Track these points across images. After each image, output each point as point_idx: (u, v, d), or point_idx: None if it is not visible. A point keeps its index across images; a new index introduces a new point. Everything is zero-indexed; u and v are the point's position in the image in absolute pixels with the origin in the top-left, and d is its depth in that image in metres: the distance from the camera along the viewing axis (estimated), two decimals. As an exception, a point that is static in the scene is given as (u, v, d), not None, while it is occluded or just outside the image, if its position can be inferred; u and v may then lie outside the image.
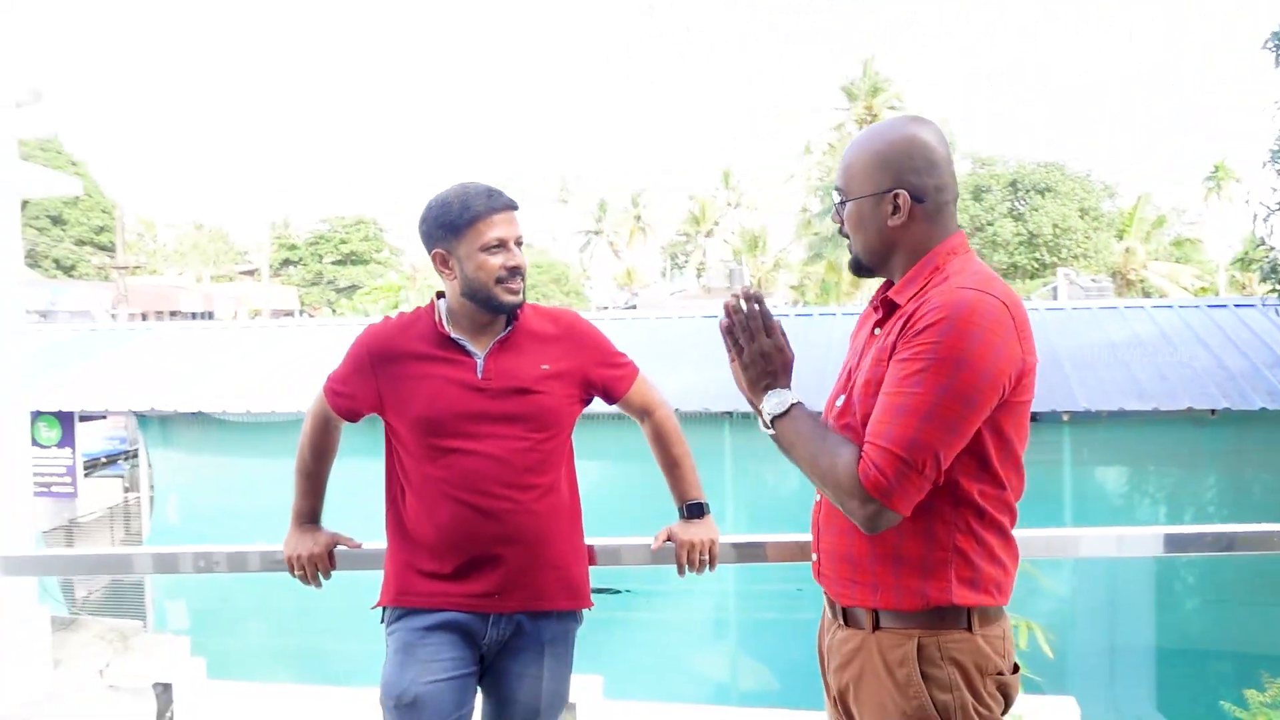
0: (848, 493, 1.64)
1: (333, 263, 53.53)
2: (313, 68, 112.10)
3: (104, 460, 17.16)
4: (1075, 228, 31.13)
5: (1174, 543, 2.98)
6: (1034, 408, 1.74)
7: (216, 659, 9.61)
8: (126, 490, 15.31)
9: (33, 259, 42.94)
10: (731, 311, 1.79)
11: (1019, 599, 6.91)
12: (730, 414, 9.35)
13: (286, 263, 55.27)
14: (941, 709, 1.67)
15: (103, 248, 45.49)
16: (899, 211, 1.76)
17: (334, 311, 42.63)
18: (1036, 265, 31.52)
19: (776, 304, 41.60)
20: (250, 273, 55.88)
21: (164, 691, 8.48)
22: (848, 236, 1.84)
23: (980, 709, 1.68)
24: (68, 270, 46.24)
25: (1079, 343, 9.85)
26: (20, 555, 3.29)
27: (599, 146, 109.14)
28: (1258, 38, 8.69)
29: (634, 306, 44.31)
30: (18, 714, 5.32)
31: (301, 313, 47.25)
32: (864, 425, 1.68)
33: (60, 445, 11.81)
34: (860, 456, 1.64)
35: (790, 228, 53.30)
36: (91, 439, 16.06)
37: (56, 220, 45.77)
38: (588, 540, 2.36)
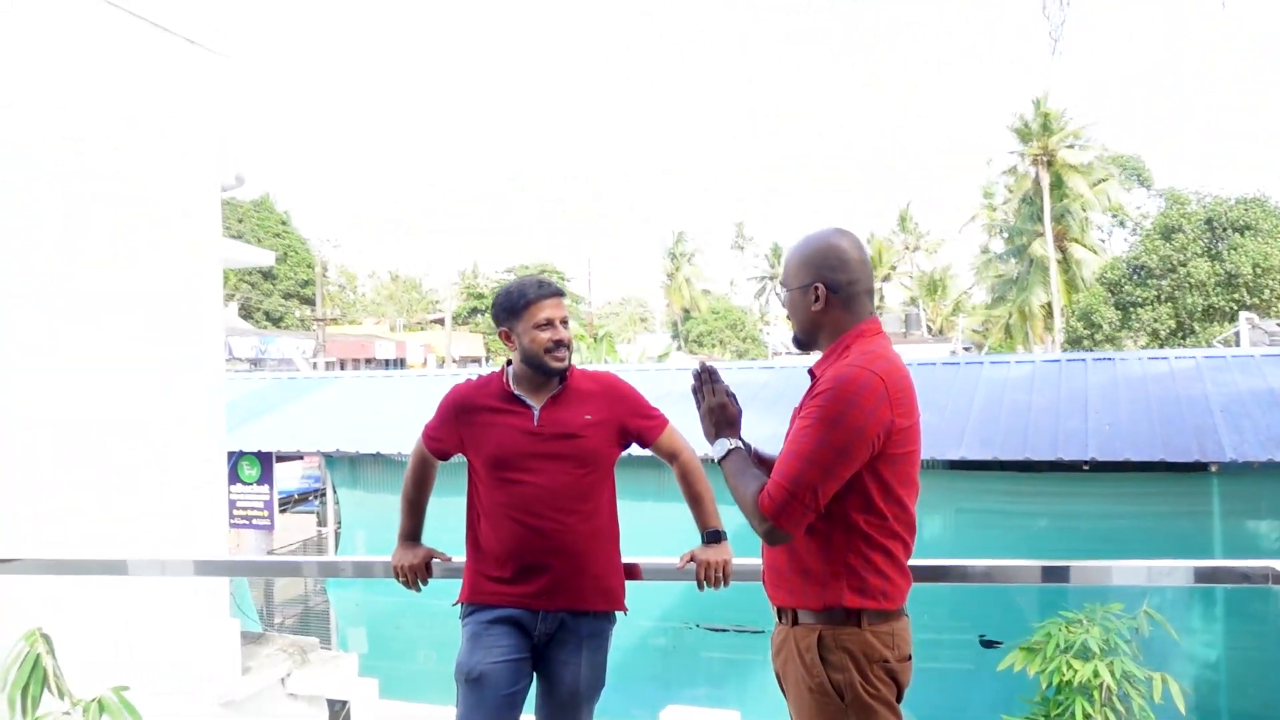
0: (751, 514, 2.15)
1: (516, 310, 55.43)
2: (500, 120, 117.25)
3: (297, 497, 18.70)
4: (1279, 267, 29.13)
5: (1203, 574, 3.26)
6: (1180, 458, 2.14)
7: (388, 680, 10.45)
8: (319, 525, 16.58)
9: (246, 311, 46.61)
10: (696, 377, 2.29)
11: (1158, 653, 6.89)
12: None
13: (474, 311, 57.77)
14: (835, 685, 2.13)
15: (307, 300, 48.95)
16: (819, 300, 2.24)
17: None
18: (1235, 306, 29.64)
19: (955, 348, 40.88)
20: (440, 321, 58.64)
21: (341, 707, 9.36)
22: (791, 320, 2.31)
23: (868, 687, 2.13)
24: (276, 321, 49.86)
25: (1233, 391, 9.61)
26: (211, 559, 4.05)
27: (769, 191, 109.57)
28: None
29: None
30: (213, 711, 6.20)
31: (487, 360, 49.35)
32: None
33: (259, 482, 13.08)
34: (763, 487, 2.12)
35: (967, 270, 52.33)
36: (288, 478, 17.55)
37: (267, 275, 49.43)
38: (626, 558, 2.87)
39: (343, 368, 34.23)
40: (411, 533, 3.00)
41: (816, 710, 2.15)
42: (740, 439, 2.32)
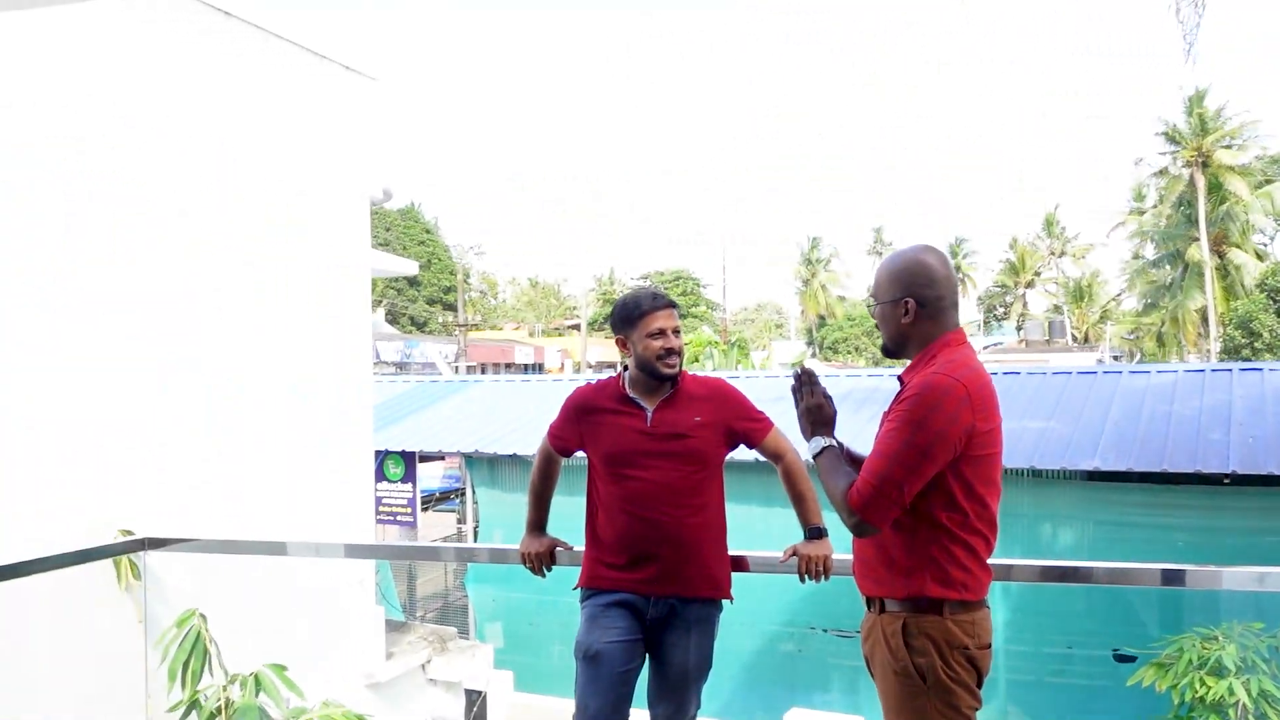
0: (841, 508, 2.33)
1: (651, 316, 55.75)
2: (633, 126, 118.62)
3: (439, 496, 19.43)
4: None
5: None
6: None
7: (522, 673, 10.84)
8: (459, 523, 17.21)
9: (392, 316, 48.44)
10: (796, 379, 2.49)
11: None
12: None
13: (609, 316, 58.41)
14: (919, 669, 2.30)
15: (449, 306, 50.55)
16: (908, 313, 2.41)
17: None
18: None
19: (1103, 356, 39.49)
20: (577, 326, 59.70)
21: (479, 696, 9.79)
22: (881, 330, 2.47)
23: (948, 671, 2.28)
24: (420, 327, 51.64)
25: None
26: (358, 543, 4.43)
27: (909, 194, 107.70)
28: None
29: (947, 360, 43.29)
30: (358, 692, 6.64)
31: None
32: None
33: (404, 480, 13.72)
34: (852, 484, 2.29)
35: (1116, 276, 50.38)
36: (430, 477, 18.27)
37: (412, 282, 51.25)
38: (733, 551, 3.07)
39: (483, 372, 35.28)
40: (537, 523, 3.28)
41: (901, 692, 2.32)
42: (834, 438, 2.49)
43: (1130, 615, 8.95)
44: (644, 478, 2.97)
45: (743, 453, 3.11)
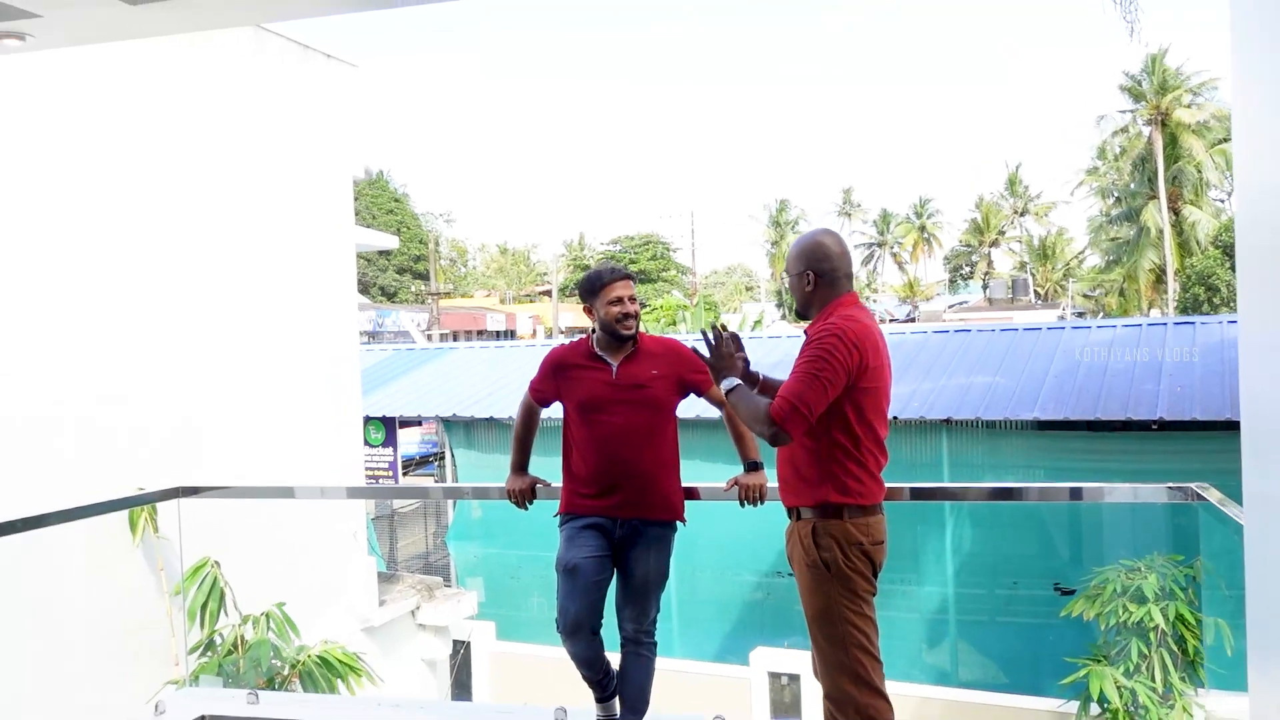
0: (762, 421, 2.84)
1: (621, 282, 55.84)
2: (607, 90, 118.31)
3: (418, 460, 19.99)
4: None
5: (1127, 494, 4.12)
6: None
7: (504, 624, 11.44)
8: (437, 484, 17.79)
9: (363, 286, 48.56)
10: (712, 332, 3.07)
11: (1217, 600, 7.27)
12: (948, 420, 10.17)
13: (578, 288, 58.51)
14: (824, 562, 2.89)
15: (419, 275, 50.77)
16: (810, 283, 2.99)
17: (621, 328, 44.64)
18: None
19: (1065, 313, 40.40)
20: (548, 292, 59.92)
21: (463, 646, 10.38)
22: (792, 296, 3.03)
23: (848, 563, 2.87)
24: (390, 296, 51.75)
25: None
26: (359, 485, 4.98)
27: (878, 153, 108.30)
28: None
29: (913, 319, 44.24)
30: (355, 636, 7.21)
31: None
32: None
33: (384, 445, 14.25)
34: (771, 401, 2.85)
35: (1082, 235, 51.24)
36: (408, 442, 18.80)
37: (383, 251, 51.33)
38: (687, 483, 3.64)
39: (455, 340, 35.66)
40: (520, 464, 3.84)
41: (812, 580, 2.91)
42: (741, 381, 3.06)
43: (1072, 552, 9.65)
44: (611, 421, 3.52)
45: (702, 411, 3.68)
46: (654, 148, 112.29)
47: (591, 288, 3.62)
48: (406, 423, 15.95)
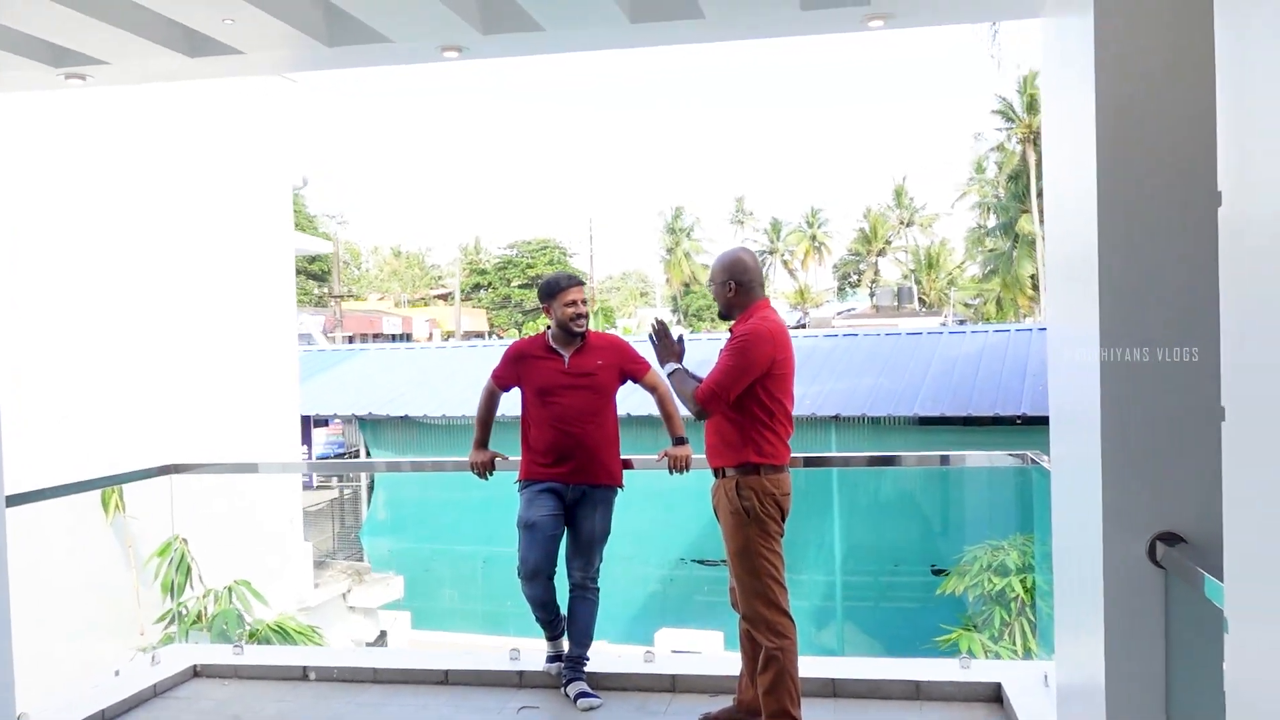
0: (690, 400, 3.67)
1: (519, 286, 56.10)
2: (504, 102, 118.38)
3: (332, 458, 20.24)
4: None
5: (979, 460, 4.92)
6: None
7: (419, 614, 11.95)
8: (340, 482, 18.15)
9: (258, 288, 47.76)
10: (654, 328, 3.75)
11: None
12: (836, 416, 11.08)
13: (477, 286, 58.48)
14: (745, 510, 3.64)
15: (314, 277, 50.16)
16: (732, 290, 3.72)
17: (520, 332, 45.15)
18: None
19: (946, 320, 42.29)
20: (444, 296, 59.68)
21: (380, 636, 10.88)
22: (717, 301, 3.77)
23: (763, 509, 3.63)
24: (288, 297, 50.83)
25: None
26: (322, 461, 5.52)
27: (770, 165, 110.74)
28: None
29: (804, 325, 45.64)
30: (294, 613, 7.71)
31: (491, 334, 50.50)
32: None
33: (300, 444, 14.57)
34: (699, 387, 3.57)
35: (961, 245, 53.51)
36: (316, 444, 19.06)
37: (278, 253, 50.40)
38: (624, 455, 4.34)
39: (351, 342, 35.60)
40: (482, 441, 4.52)
41: (734, 525, 3.66)
42: (681, 364, 3.79)
43: (946, 534, 10.63)
44: (563, 403, 4.24)
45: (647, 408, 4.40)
46: (551, 156, 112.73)
47: (550, 291, 4.31)
48: (318, 422, 16.28)
